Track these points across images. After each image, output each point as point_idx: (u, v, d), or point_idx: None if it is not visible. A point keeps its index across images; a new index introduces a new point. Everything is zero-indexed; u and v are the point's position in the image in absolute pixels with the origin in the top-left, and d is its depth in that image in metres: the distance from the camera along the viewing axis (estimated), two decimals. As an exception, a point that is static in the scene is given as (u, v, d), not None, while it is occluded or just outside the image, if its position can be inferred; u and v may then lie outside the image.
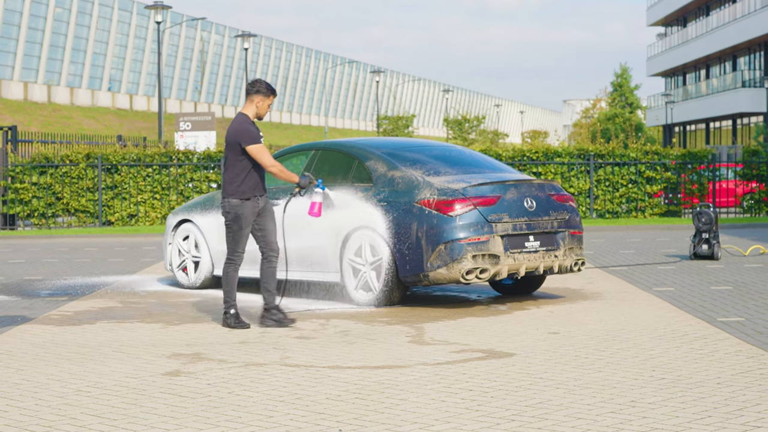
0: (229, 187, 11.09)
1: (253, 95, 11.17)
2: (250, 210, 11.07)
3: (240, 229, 11.12)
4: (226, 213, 11.13)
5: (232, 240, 11.17)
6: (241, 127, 11.05)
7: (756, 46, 73.42)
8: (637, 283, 14.39)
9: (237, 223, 11.10)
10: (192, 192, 29.78)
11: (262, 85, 11.20)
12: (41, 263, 18.93)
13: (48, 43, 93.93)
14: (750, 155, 31.31)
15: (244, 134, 11.00)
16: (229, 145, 11.07)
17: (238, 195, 11.04)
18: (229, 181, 11.08)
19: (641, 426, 6.69)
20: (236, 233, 11.14)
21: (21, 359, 9.39)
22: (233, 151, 11.05)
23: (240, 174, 11.05)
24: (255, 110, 11.20)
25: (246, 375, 8.52)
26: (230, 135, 11.06)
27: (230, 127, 11.09)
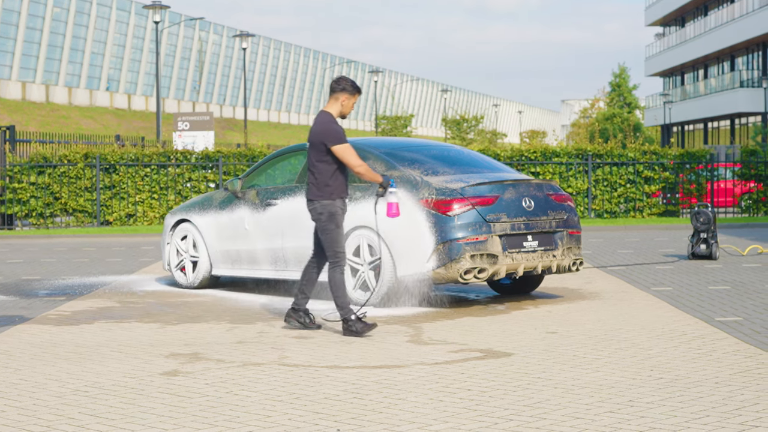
0: (316, 189, 10.67)
1: (338, 93, 10.77)
2: (339, 208, 10.71)
3: (337, 228, 10.68)
4: (318, 215, 10.68)
5: (331, 241, 10.69)
6: (326, 127, 10.66)
7: (754, 46, 73.44)
8: (636, 283, 14.39)
9: (333, 222, 10.67)
10: (190, 192, 29.77)
11: (348, 83, 10.81)
12: (39, 263, 18.92)
13: (46, 43, 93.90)
14: (748, 155, 31.32)
15: (329, 134, 10.62)
16: (313, 146, 10.66)
17: (326, 196, 10.65)
18: (315, 184, 10.67)
19: (639, 425, 6.69)
20: (334, 232, 10.69)
21: (19, 359, 9.39)
22: (318, 152, 10.65)
23: (325, 175, 10.64)
24: (339, 109, 10.80)
25: (244, 375, 8.52)
26: (314, 135, 10.66)
27: (314, 127, 10.69)
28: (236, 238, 13.97)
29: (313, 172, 10.73)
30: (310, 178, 10.76)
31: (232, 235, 14.02)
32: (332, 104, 10.83)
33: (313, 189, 10.74)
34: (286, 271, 13.43)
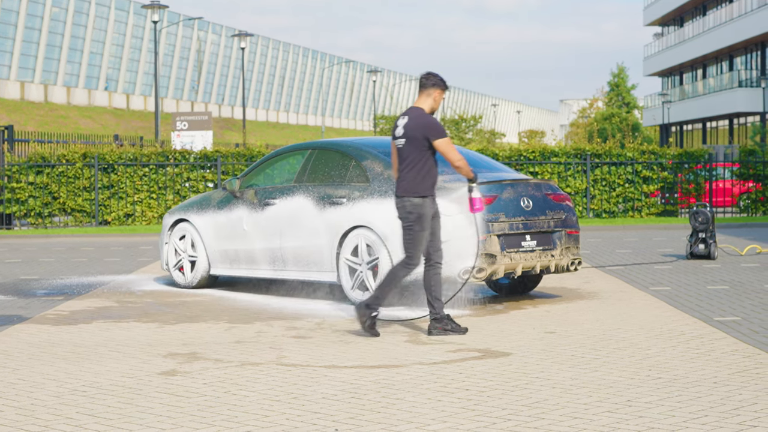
0: (408, 184, 10.45)
1: (431, 89, 10.66)
2: (429, 208, 10.53)
3: (422, 230, 10.48)
4: (407, 213, 10.46)
5: (412, 242, 10.44)
6: (428, 120, 10.51)
7: (753, 46, 73.45)
8: (634, 283, 14.39)
9: (419, 224, 10.47)
10: (189, 191, 29.76)
11: (439, 79, 10.70)
12: (37, 263, 18.91)
13: (45, 43, 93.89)
14: (747, 155, 31.32)
15: (433, 128, 10.46)
16: (413, 141, 10.45)
17: (419, 192, 10.45)
18: (409, 179, 10.45)
19: (638, 425, 6.69)
20: (418, 234, 10.45)
21: (17, 359, 9.38)
22: (417, 147, 10.46)
23: (421, 170, 10.47)
24: (432, 104, 10.65)
25: (242, 374, 8.52)
26: (416, 129, 10.46)
27: (412, 122, 10.49)
28: (234, 238, 13.96)
29: (406, 167, 10.52)
30: (402, 173, 10.55)
31: (231, 235, 14.01)
32: (424, 100, 10.68)
33: (404, 185, 10.51)
34: (285, 270, 13.43)
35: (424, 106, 10.67)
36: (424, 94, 10.69)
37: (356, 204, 12.59)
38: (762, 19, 67.11)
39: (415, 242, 10.48)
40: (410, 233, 10.50)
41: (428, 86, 10.68)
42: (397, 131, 10.62)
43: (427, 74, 10.75)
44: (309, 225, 13.05)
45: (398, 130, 10.62)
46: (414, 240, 10.47)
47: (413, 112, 10.61)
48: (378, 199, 12.43)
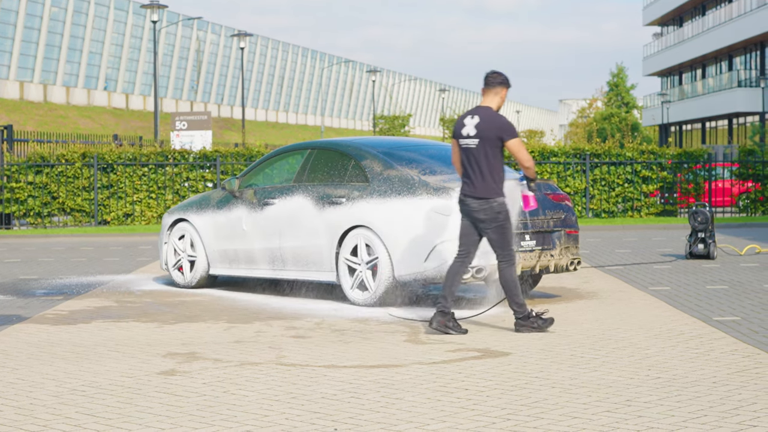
0: (490, 185, 10.37)
1: (498, 87, 10.58)
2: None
3: (511, 226, 10.53)
4: (497, 214, 10.38)
5: (505, 239, 10.44)
6: (502, 121, 10.45)
7: (752, 46, 73.45)
8: (633, 283, 14.39)
9: (509, 221, 10.49)
10: (188, 191, 29.76)
11: (505, 77, 10.65)
12: (37, 262, 18.91)
13: (44, 43, 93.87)
14: (746, 155, 31.33)
15: (508, 128, 10.42)
16: (489, 141, 10.36)
17: (501, 193, 10.42)
18: (490, 180, 10.37)
19: (637, 425, 6.69)
20: (509, 230, 10.45)
21: (16, 358, 9.38)
22: (493, 146, 10.38)
23: (497, 170, 10.42)
24: (499, 102, 10.60)
25: (241, 374, 8.52)
26: (491, 129, 10.37)
27: (486, 123, 10.40)
28: (234, 238, 13.96)
29: (484, 168, 10.42)
30: (480, 174, 10.43)
31: (230, 235, 14.01)
32: (492, 98, 10.61)
33: (486, 186, 10.41)
34: (284, 270, 13.43)
35: (492, 104, 10.62)
36: (492, 93, 10.62)
37: (355, 204, 12.59)
38: (761, 19, 67.11)
39: (510, 239, 10.49)
40: (504, 231, 10.48)
41: (495, 85, 10.62)
42: (464, 131, 10.51)
43: (493, 73, 10.68)
44: (308, 225, 13.05)
45: (467, 129, 10.51)
46: (508, 238, 10.49)
47: (483, 111, 10.53)
48: (377, 199, 12.43)
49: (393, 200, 12.30)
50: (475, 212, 10.46)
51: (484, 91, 10.66)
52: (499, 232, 10.46)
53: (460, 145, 10.54)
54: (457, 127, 10.57)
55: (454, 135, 10.60)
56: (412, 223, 12.09)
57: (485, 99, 10.64)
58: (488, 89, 10.63)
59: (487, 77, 10.65)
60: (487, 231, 10.49)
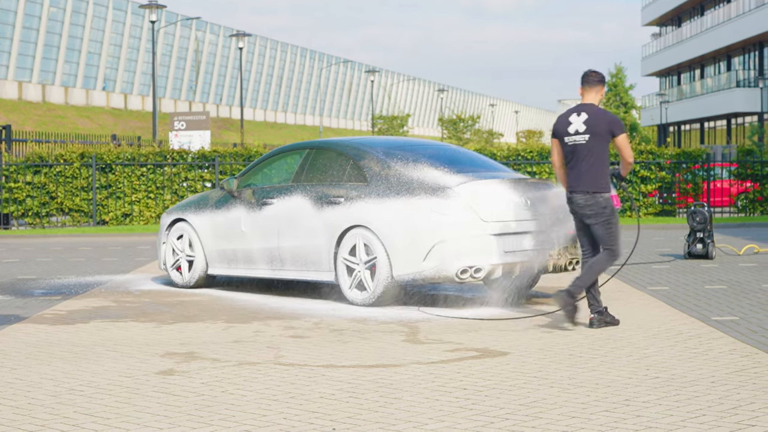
0: (598, 180, 10.57)
1: (597, 85, 10.75)
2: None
3: (618, 221, 10.70)
4: (603, 209, 10.56)
5: (615, 234, 10.62)
6: (612, 116, 10.66)
7: (750, 46, 73.48)
8: (632, 282, 14.39)
9: (615, 216, 10.65)
10: (186, 191, 29.76)
11: (602, 75, 10.84)
12: (35, 262, 18.90)
13: (42, 43, 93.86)
14: (744, 155, 31.34)
15: (618, 122, 10.61)
16: (600, 136, 10.55)
17: (608, 188, 10.62)
18: (597, 175, 10.58)
19: (635, 425, 6.69)
20: (616, 226, 10.64)
21: (14, 358, 9.37)
22: (601, 142, 10.57)
23: (606, 166, 10.65)
24: (599, 99, 10.82)
25: (240, 374, 8.51)
26: (602, 125, 10.55)
27: (596, 118, 10.57)
28: (232, 238, 13.95)
29: (595, 162, 10.60)
30: (591, 169, 10.59)
31: (228, 235, 14.00)
32: (594, 96, 10.80)
33: (595, 180, 10.59)
34: (282, 270, 13.42)
35: (594, 101, 10.80)
36: (593, 91, 10.80)
37: (354, 204, 12.59)
38: (760, 20, 67.14)
39: (617, 234, 10.65)
40: (612, 226, 10.64)
41: (595, 83, 10.79)
42: (571, 128, 10.65)
43: (592, 72, 10.87)
44: (307, 225, 13.04)
45: (574, 126, 10.66)
46: (616, 232, 10.64)
47: (590, 108, 10.69)
48: (376, 199, 12.42)
49: (391, 200, 12.30)
50: (581, 208, 10.66)
51: (585, 90, 10.83)
52: (606, 227, 10.64)
53: (565, 143, 10.69)
54: (561, 126, 10.72)
55: (557, 134, 10.76)
56: (411, 223, 12.08)
57: (586, 97, 10.81)
58: (589, 87, 10.81)
59: (588, 76, 10.83)
60: (594, 226, 10.66)
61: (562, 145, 10.74)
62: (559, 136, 10.73)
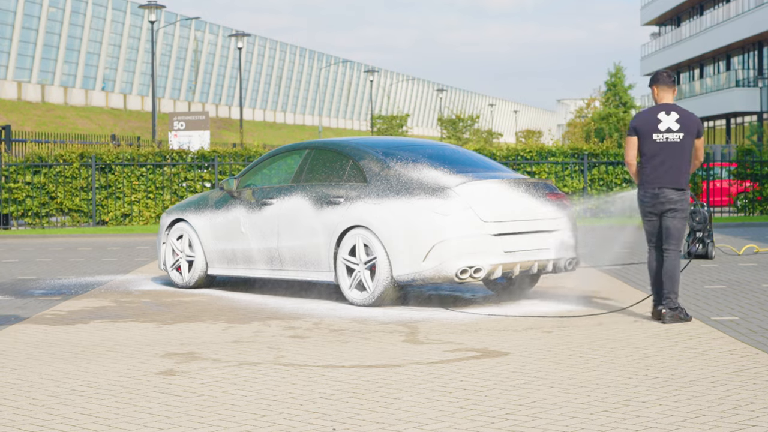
0: (688, 178, 10.88)
1: (674, 85, 11.01)
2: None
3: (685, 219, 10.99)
4: (686, 206, 10.86)
5: (684, 230, 10.92)
6: (698, 118, 10.92)
7: (750, 46, 73.48)
8: (631, 282, 14.39)
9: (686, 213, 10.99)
10: (186, 191, 29.76)
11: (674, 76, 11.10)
12: (35, 263, 18.90)
13: (42, 43, 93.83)
14: (744, 154, 31.34)
15: (701, 125, 10.90)
16: (691, 135, 10.80)
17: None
18: (688, 173, 10.87)
19: (635, 425, 6.69)
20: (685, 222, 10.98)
21: (14, 359, 9.37)
22: (692, 140, 10.84)
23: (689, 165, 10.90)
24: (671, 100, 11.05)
25: (240, 374, 8.52)
26: (693, 125, 10.81)
27: (687, 118, 10.81)
28: (232, 238, 13.95)
29: (687, 161, 10.85)
30: (685, 166, 10.80)
31: (228, 235, 14.01)
32: (672, 96, 11.01)
33: (686, 178, 10.87)
34: (282, 270, 13.42)
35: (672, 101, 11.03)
36: (671, 91, 11.01)
37: (354, 204, 12.59)
38: (759, 19, 67.14)
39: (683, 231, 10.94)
40: (685, 222, 10.97)
41: (672, 83, 11.02)
42: (661, 126, 10.80)
43: (667, 72, 11.07)
44: (306, 225, 13.04)
45: (664, 124, 10.81)
46: (683, 229, 10.94)
47: (678, 108, 10.88)
48: (375, 199, 12.42)
49: (391, 200, 12.30)
50: (672, 203, 10.79)
51: (663, 89, 11.01)
52: (683, 223, 10.91)
53: (653, 140, 10.79)
54: (649, 123, 10.82)
55: (642, 130, 10.82)
56: (411, 223, 12.08)
57: (666, 96, 10.99)
58: (667, 87, 11.00)
59: (666, 77, 11.03)
60: (675, 221, 10.85)
61: (647, 141, 10.83)
62: (646, 133, 10.83)
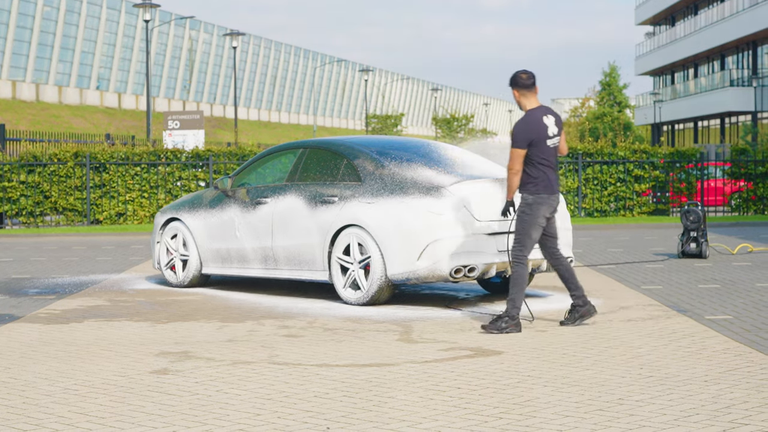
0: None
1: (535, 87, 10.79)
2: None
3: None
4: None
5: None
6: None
7: (744, 45, 73.55)
8: (625, 282, 14.41)
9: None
10: (180, 191, 29.74)
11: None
12: (29, 262, 18.89)
13: (36, 42, 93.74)
14: (738, 154, 31.36)
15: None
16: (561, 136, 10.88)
17: None
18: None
19: (629, 423, 6.70)
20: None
21: (8, 358, 9.37)
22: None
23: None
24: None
25: (234, 373, 8.52)
26: (561, 125, 10.86)
27: (559, 120, 10.86)
28: (226, 237, 13.95)
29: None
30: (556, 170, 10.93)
31: (222, 234, 14.00)
32: (536, 97, 10.91)
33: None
34: (277, 269, 13.42)
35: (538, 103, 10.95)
36: (535, 92, 10.86)
37: (348, 203, 12.59)
38: (753, 19, 67.22)
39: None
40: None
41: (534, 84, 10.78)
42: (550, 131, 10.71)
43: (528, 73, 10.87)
44: (301, 224, 13.04)
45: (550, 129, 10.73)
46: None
47: (551, 110, 10.86)
48: (370, 198, 12.43)
49: (385, 199, 12.30)
50: (558, 204, 10.84)
51: (532, 92, 10.79)
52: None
53: (547, 146, 10.69)
54: (541, 129, 10.64)
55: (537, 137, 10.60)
56: (405, 223, 12.08)
57: (534, 99, 10.80)
58: (534, 89, 10.79)
59: (529, 78, 10.77)
60: (556, 222, 10.98)
61: (542, 148, 10.63)
62: (541, 140, 10.63)
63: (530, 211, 10.61)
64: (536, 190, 10.62)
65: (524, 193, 10.66)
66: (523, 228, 10.63)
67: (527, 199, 10.64)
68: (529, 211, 10.61)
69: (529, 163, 10.63)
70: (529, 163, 10.63)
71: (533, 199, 10.62)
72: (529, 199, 10.63)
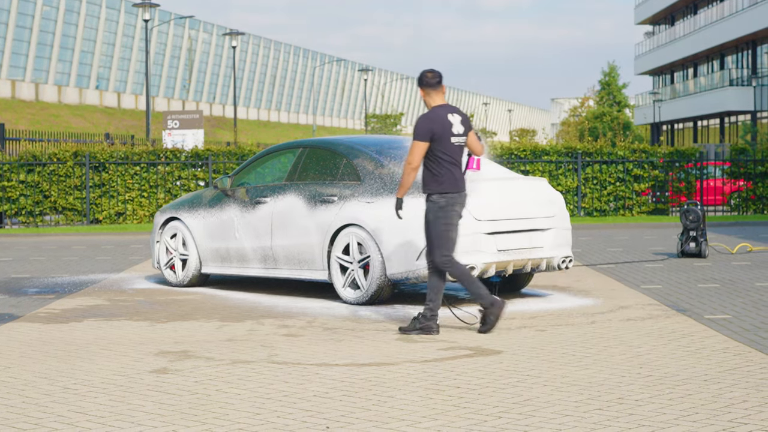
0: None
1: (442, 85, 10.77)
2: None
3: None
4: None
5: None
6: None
7: (743, 45, 73.55)
8: (625, 281, 14.41)
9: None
10: (180, 190, 29.74)
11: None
12: (28, 261, 18.89)
13: (36, 41, 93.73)
14: (737, 153, 31.36)
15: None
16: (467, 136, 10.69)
17: None
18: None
19: (628, 423, 6.70)
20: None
21: (8, 357, 9.37)
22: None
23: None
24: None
25: (233, 373, 8.52)
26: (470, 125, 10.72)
27: (467, 119, 10.68)
28: (226, 237, 13.95)
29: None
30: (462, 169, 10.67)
31: (222, 233, 14.00)
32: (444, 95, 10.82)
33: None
34: (276, 269, 13.42)
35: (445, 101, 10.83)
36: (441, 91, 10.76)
37: (347, 202, 12.60)
38: (753, 18, 67.22)
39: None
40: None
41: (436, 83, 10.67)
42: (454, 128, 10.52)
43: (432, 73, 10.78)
44: (300, 223, 13.05)
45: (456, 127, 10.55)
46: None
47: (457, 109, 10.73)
48: (369, 198, 12.43)
49: (385, 199, 12.30)
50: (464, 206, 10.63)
51: (438, 91, 10.67)
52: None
53: (451, 143, 10.45)
54: (445, 126, 10.43)
55: (442, 134, 10.41)
56: (404, 222, 12.07)
57: (441, 97, 10.66)
58: (440, 88, 10.68)
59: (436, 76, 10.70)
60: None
61: (445, 144, 10.42)
62: (445, 137, 10.43)
63: (444, 214, 10.39)
64: (442, 189, 10.39)
65: (431, 194, 10.44)
66: (440, 232, 10.40)
67: (439, 202, 10.41)
68: (443, 213, 10.40)
69: (434, 159, 10.42)
70: (434, 159, 10.42)
71: (445, 202, 10.40)
72: (441, 202, 10.41)
